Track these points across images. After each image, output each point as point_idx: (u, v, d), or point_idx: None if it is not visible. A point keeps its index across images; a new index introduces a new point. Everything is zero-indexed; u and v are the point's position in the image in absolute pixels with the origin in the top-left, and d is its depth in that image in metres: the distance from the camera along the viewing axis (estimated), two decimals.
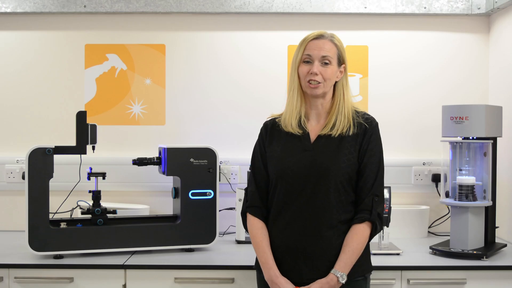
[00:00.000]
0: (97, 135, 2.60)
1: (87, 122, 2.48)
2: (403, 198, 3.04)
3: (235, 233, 2.82)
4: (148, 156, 2.66)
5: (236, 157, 3.02)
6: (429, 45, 3.08)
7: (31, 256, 2.43)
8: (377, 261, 2.26)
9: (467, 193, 2.51)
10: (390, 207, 2.50)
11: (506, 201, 2.80)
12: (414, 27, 3.08)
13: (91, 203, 2.55)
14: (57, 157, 2.44)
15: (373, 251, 2.41)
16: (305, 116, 2.04)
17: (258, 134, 2.12)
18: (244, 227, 2.10)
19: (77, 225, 2.49)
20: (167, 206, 2.91)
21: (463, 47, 3.08)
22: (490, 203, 2.52)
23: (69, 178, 2.79)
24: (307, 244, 1.94)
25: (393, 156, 2.98)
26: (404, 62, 3.09)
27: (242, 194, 2.38)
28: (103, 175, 2.57)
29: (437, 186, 3.01)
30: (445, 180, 2.67)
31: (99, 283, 2.34)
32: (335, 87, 2.04)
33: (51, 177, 2.42)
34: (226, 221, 2.92)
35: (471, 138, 2.53)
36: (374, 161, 1.98)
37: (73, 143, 2.48)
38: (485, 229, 2.53)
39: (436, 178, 3.01)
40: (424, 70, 3.08)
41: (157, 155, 2.66)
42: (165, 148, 2.56)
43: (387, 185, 2.33)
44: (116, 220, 2.58)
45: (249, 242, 2.47)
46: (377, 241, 2.54)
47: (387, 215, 2.45)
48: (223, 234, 2.92)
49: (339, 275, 1.90)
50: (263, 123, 2.13)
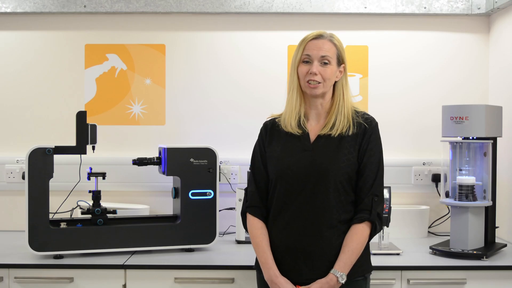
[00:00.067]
0: (97, 135, 2.60)
1: (87, 122, 2.48)
2: (403, 198, 3.03)
3: (235, 233, 2.82)
4: (148, 156, 2.66)
5: (236, 157, 3.02)
6: (429, 45, 3.08)
7: (31, 256, 2.43)
8: (377, 261, 2.26)
9: (467, 193, 2.51)
10: (390, 207, 2.50)
11: (506, 201, 2.80)
12: (414, 27, 3.08)
13: (91, 203, 2.55)
14: (57, 157, 2.44)
15: (373, 251, 2.41)
16: (305, 116, 2.04)
17: (258, 134, 2.12)
18: (244, 227, 2.10)
19: (77, 225, 2.49)
20: (167, 206, 2.90)
21: (463, 47, 3.08)
22: (490, 203, 2.52)
23: (69, 178, 2.79)
24: (307, 244, 1.94)
25: (393, 156, 2.98)
26: (404, 62, 3.09)
27: (242, 194, 2.38)
28: (103, 175, 2.58)
29: (437, 186, 3.01)
30: (445, 180, 2.66)
31: (99, 283, 2.34)
32: (334, 87, 2.04)
33: (51, 177, 2.42)
34: (226, 221, 2.92)
35: (471, 138, 2.53)
36: (373, 161, 1.98)
37: (73, 143, 2.48)
38: (485, 229, 2.53)
39: (436, 178, 3.01)
40: (424, 70, 3.08)
41: (157, 155, 2.66)
42: (165, 148, 2.56)
43: (387, 185, 2.33)
44: (116, 220, 2.58)
45: (249, 242, 2.47)
46: (377, 241, 2.54)
47: (387, 215, 2.45)
48: (223, 234, 2.92)
49: (338, 275, 1.90)
50: (263, 123, 2.13)
